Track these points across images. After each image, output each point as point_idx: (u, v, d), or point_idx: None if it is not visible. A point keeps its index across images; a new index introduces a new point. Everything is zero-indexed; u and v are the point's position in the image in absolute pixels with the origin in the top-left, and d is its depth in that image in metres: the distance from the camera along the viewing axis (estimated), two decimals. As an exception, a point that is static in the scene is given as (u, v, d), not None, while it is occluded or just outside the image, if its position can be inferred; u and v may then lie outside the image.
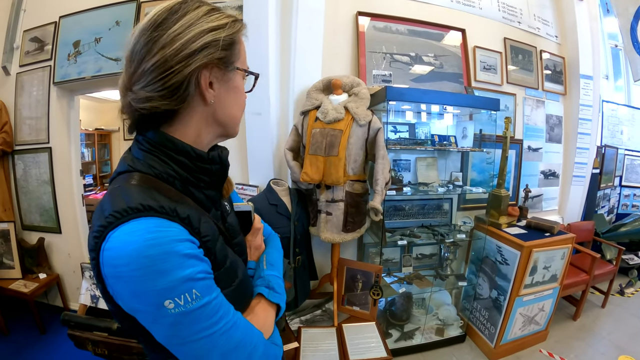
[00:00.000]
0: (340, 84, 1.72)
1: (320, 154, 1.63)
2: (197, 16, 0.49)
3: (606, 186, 3.27)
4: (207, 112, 0.54)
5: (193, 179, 0.54)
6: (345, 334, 1.74)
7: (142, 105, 0.48)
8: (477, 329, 2.21)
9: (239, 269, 0.58)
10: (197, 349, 0.46)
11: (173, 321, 0.44)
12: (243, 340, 0.49)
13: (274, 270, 0.69)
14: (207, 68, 0.50)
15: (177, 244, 0.44)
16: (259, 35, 1.83)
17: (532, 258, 1.91)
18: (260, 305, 0.60)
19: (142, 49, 0.48)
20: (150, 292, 0.42)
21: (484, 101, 1.88)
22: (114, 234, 0.43)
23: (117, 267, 0.42)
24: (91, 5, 2.21)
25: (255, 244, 0.72)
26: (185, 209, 0.48)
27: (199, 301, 0.45)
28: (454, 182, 2.11)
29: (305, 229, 1.79)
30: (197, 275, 0.45)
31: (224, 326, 0.47)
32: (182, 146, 0.52)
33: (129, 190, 0.46)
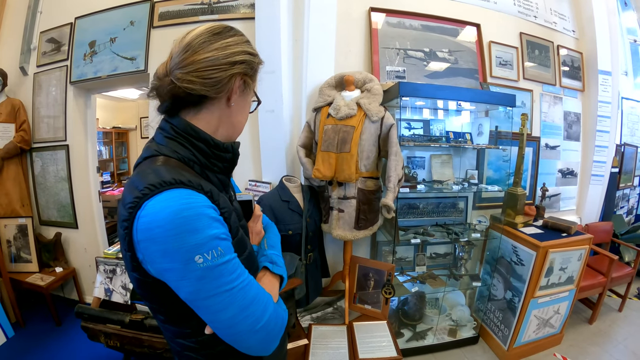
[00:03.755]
0: (352, 80, 1.70)
1: (332, 151, 1.61)
2: (242, 40, 0.64)
3: (625, 186, 3.16)
4: (226, 111, 0.64)
5: (209, 164, 0.63)
6: (355, 333, 1.72)
7: (184, 85, 0.57)
8: (490, 331, 2.15)
9: (247, 243, 0.67)
10: (219, 302, 0.52)
11: (200, 275, 0.50)
12: (257, 298, 0.56)
13: (274, 250, 0.77)
14: (240, 77, 0.63)
15: (206, 208, 0.53)
16: (271, 34, 1.83)
17: (548, 259, 1.85)
18: (266, 277, 0.68)
19: (200, 44, 0.58)
20: (182, 248, 0.49)
21: (499, 97, 1.83)
22: (149, 203, 0.50)
23: (152, 230, 0.49)
24: (106, 6, 2.24)
25: (256, 229, 0.80)
26: (207, 184, 0.57)
27: (222, 257, 0.52)
28: (469, 180, 2.06)
29: (318, 226, 1.78)
30: (222, 235, 0.54)
31: (241, 283, 0.54)
32: (203, 134, 0.61)
33: (158, 169, 0.54)
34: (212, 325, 0.55)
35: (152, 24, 2.15)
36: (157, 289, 0.55)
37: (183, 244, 0.49)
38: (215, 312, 0.53)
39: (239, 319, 0.54)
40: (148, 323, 1.65)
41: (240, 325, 0.54)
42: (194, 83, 0.57)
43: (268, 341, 0.60)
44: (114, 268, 1.86)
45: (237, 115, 0.67)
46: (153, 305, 0.61)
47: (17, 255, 2.35)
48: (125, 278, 1.86)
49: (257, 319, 0.56)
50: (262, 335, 0.57)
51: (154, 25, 2.14)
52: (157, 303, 0.60)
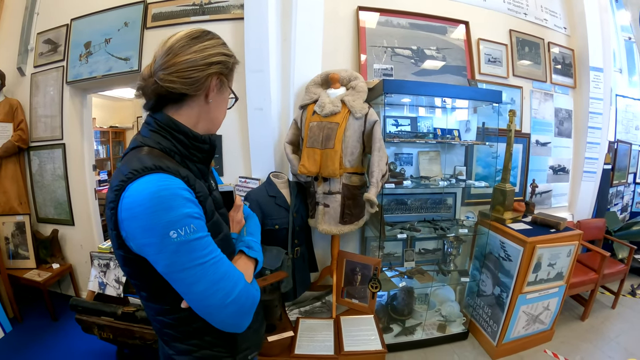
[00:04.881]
0: (337, 77, 1.72)
1: (317, 147, 1.63)
2: (218, 43, 0.70)
3: (619, 183, 3.14)
4: (205, 107, 0.70)
5: (189, 154, 0.69)
6: (342, 326, 1.73)
7: (165, 84, 0.64)
8: (479, 327, 2.16)
9: (223, 227, 0.73)
10: (192, 275, 0.58)
11: (175, 249, 0.56)
12: (228, 273, 0.62)
13: (253, 237, 0.83)
14: (217, 76, 0.69)
15: (181, 190, 0.59)
16: (259, 33, 1.86)
17: (536, 254, 1.85)
18: (242, 260, 0.74)
19: (180, 48, 0.65)
20: (158, 224, 0.55)
21: (486, 93, 1.84)
22: (132, 185, 0.57)
23: (134, 209, 0.56)
24: (101, 8, 2.28)
25: (237, 218, 0.85)
26: (184, 171, 0.63)
27: (195, 234, 0.58)
28: (457, 176, 2.07)
29: (305, 221, 1.80)
30: (195, 215, 0.59)
31: (213, 259, 0.60)
32: (182, 127, 0.67)
33: (141, 157, 0.60)
34: (186, 298, 0.60)
35: (145, 25, 2.19)
36: (139, 265, 0.61)
37: (159, 220, 0.55)
38: (188, 284, 0.58)
39: (210, 292, 0.59)
40: (139, 315, 1.69)
41: (211, 298, 0.59)
42: (175, 82, 0.64)
43: (239, 316, 0.65)
44: (107, 262, 1.90)
45: (215, 110, 0.73)
46: (137, 282, 0.67)
47: (15, 251, 2.40)
48: (119, 272, 1.90)
49: (227, 293, 0.61)
50: (232, 310, 0.62)
51: (147, 26, 2.18)
52: (139, 279, 0.66)
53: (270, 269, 1.69)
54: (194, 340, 0.71)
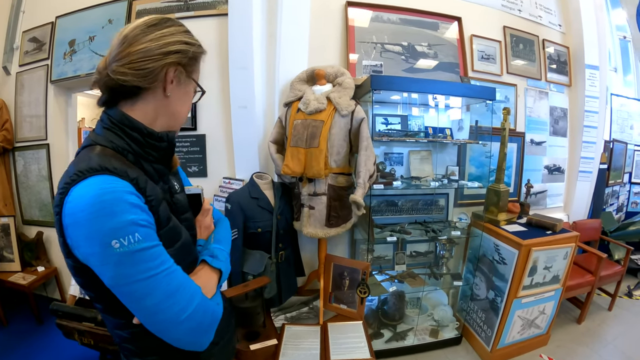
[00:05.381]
0: (323, 74, 1.58)
1: (301, 146, 1.49)
2: (179, 30, 0.63)
3: (615, 183, 2.98)
4: (163, 102, 0.62)
5: (144, 153, 0.61)
6: (329, 333, 1.59)
7: (117, 77, 0.56)
8: (473, 331, 2.01)
9: (182, 234, 0.64)
10: (139, 290, 0.51)
11: (117, 260, 0.49)
12: (181, 287, 0.55)
13: (220, 244, 0.74)
14: (175, 67, 0.61)
15: (125, 194, 0.51)
16: (243, 29, 1.72)
17: (531, 257, 1.71)
18: (204, 270, 0.66)
19: (135, 37, 0.58)
20: (99, 232, 0.48)
21: (479, 90, 1.69)
22: (75, 188, 0.50)
23: (75, 214, 0.49)
24: (85, 5, 2.14)
25: (205, 223, 0.77)
26: (134, 172, 0.55)
27: (140, 244, 0.50)
28: (449, 176, 1.93)
29: (290, 224, 1.66)
30: (140, 222, 0.51)
31: (164, 271, 0.53)
32: (136, 123, 0.60)
33: (90, 157, 0.53)
34: (136, 314, 0.53)
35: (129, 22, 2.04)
36: (89, 276, 0.53)
37: (101, 227, 0.48)
38: (136, 299, 0.51)
39: (161, 307, 0.52)
40: (117, 322, 1.55)
41: (163, 314, 0.52)
42: (127, 74, 0.57)
43: (197, 334, 0.58)
44: (88, 267, 1.76)
45: (175, 105, 0.65)
46: (90, 293, 0.59)
47: (0, 254, 2.26)
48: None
49: (181, 309, 0.53)
50: (188, 327, 0.55)
51: (131, 23, 2.04)
52: (92, 290, 0.57)
53: (253, 274, 1.56)
54: (154, 356, 0.63)
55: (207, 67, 1.89)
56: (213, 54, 1.88)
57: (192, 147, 1.90)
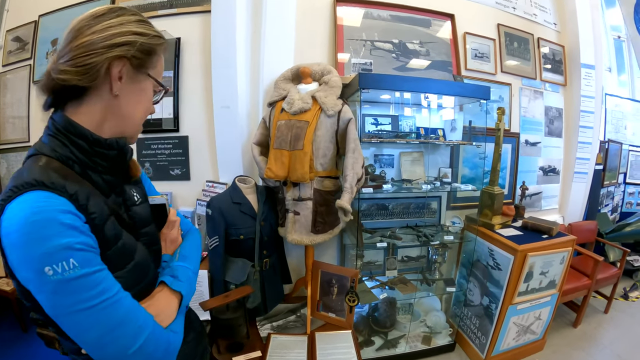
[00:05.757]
0: (309, 72, 1.45)
1: (285, 148, 1.36)
2: (130, 20, 0.54)
3: (610, 183, 2.87)
4: (112, 103, 0.54)
5: (91, 163, 0.54)
6: (316, 343, 1.47)
7: (57, 76, 0.50)
8: (467, 338, 1.89)
9: (136, 253, 0.57)
10: (79, 321, 0.45)
11: (53, 289, 0.43)
12: (127, 319, 0.48)
13: (185, 262, 0.67)
14: (122, 61, 0.53)
15: (59, 214, 0.44)
16: (226, 27, 1.59)
17: (527, 263, 1.59)
18: (162, 293, 0.59)
19: (78, 30, 0.51)
20: (32, 257, 0.43)
21: (473, 89, 1.57)
22: (9, 207, 0.44)
23: (10, 235, 0.43)
24: (69, 3, 2.01)
25: (171, 237, 0.69)
26: (74, 186, 0.48)
27: (76, 271, 0.44)
28: (442, 178, 1.80)
29: (274, 230, 1.53)
30: (76, 246, 0.45)
31: (105, 301, 0.46)
32: (81, 129, 0.52)
33: (30, 169, 0.47)
34: (81, 345, 0.47)
35: (111, 20, 1.91)
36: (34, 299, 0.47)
37: (32, 252, 0.42)
38: (78, 331, 0.46)
39: (105, 341, 0.46)
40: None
41: (108, 348, 0.46)
42: (67, 73, 0.49)
43: None
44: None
45: (127, 106, 0.56)
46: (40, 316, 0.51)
47: (-18, 259, 2.14)
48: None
49: (127, 343, 0.47)
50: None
51: (113, 21, 1.91)
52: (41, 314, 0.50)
53: (235, 284, 1.44)
54: None
55: (190, 66, 1.79)
56: (196, 52, 1.76)
57: (175, 149, 1.77)
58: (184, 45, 1.78)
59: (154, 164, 1.81)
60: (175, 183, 1.79)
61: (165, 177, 1.80)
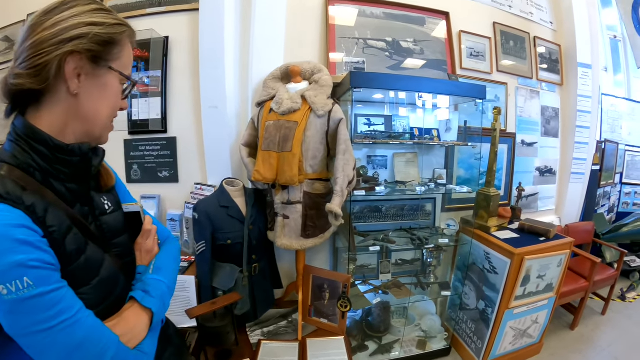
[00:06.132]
0: (299, 70, 1.37)
1: (273, 150, 1.28)
2: (83, 11, 0.49)
3: (606, 184, 2.79)
4: (72, 103, 0.50)
5: (53, 170, 0.50)
6: (308, 350, 1.40)
7: (12, 81, 0.47)
8: (463, 342, 1.82)
9: (103, 267, 0.53)
10: (38, 342, 0.42)
11: (8, 309, 0.41)
12: (87, 341, 0.45)
13: (159, 274, 0.62)
14: (75, 57, 0.48)
15: (12, 228, 0.41)
16: (214, 25, 1.51)
17: (524, 267, 1.52)
18: (132, 310, 0.55)
19: (28, 29, 0.48)
20: None
21: (468, 88, 1.49)
22: None
23: None
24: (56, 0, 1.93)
25: (146, 247, 0.65)
26: (32, 197, 0.45)
27: (31, 290, 0.41)
28: (437, 180, 1.73)
29: (264, 234, 1.45)
30: (30, 263, 0.41)
31: (64, 322, 0.43)
32: (41, 135, 0.49)
33: None
34: None
35: (98, 18, 1.83)
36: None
37: None
38: (38, 353, 0.43)
39: None
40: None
41: None
42: (21, 77, 0.46)
43: None
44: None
45: (89, 104, 0.51)
46: None
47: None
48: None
49: None
50: None
51: (101, 20, 1.83)
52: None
53: (223, 290, 1.36)
54: None
55: (179, 66, 1.70)
56: (185, 51, 1.68)
57: (163, 151, 1.69)
58: (172, 44, 1.70)
59: (141, 165, 1.73)
60: (163, 185, 1.71)
61: (153, 179, 1.72)
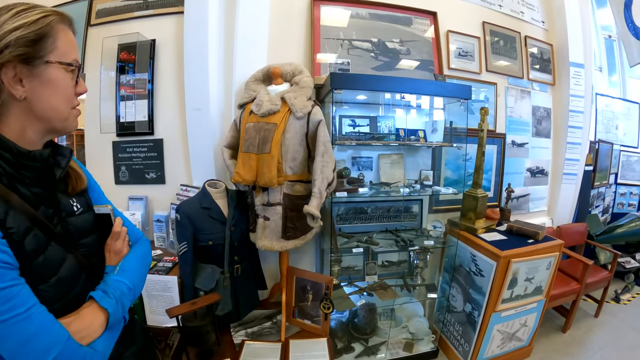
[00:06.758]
0: (279, 72, 1.33)
1: (252, 152, 1.25)
2: (5, 20, 0.48)
3: (600, 184, 2.70)
4: (25, 106, 0.50)
5: (18, 175, 0.52)
6: (290, 351, 1.36)
7: None
8: (450, 344, 1.76)
9: (62, 267, 0.54)
10: None
11: None
12: (37, 335, 0.47)
13: (122, 275, 0.63)
14: (8, 66, 0.47)
15: None
16: (198, 27, 1.48)
17: (511, 269, 1.45)
18: (89, 309, 0.56)
19: None
20: None
21: (452, 88, 1.43)
22: None
23: None
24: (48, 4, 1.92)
25: (115, 248, 0.66)
26: None
27: None
28: (423, 181, 1.67)
29: (246, 235, 1.42)
30: None
31: (16, 317, 0.45)
32: (5, 143, 0.50)
33: None
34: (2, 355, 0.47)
35: (89, 23, 1.82)
36: None
37: None
38: None
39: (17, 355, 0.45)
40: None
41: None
42: None
43: None
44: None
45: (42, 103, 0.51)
46: None
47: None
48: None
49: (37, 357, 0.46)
50: None
51: (91, 24, 1.81)
52: None
53: (205, 290, 1.33)
54: None
55: (165, 68, 1.67)
56: (171, 53, 1.65)
57: (150, 153, 1.67)
58: (159, 46, 1.68)
59: (129, 167, 1.71)
60: (150, 187, 1.68)
61: (140, 180, 1.70)
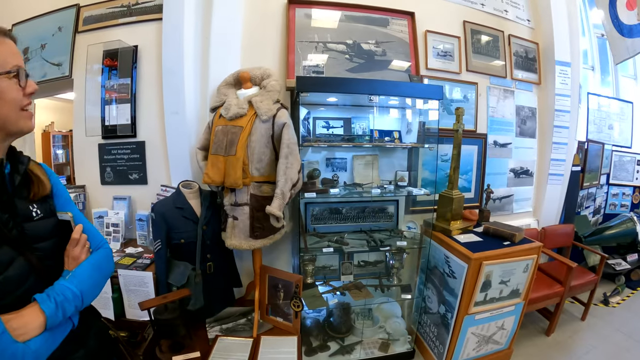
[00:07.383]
0: (248, 76, 1.33)
1: (220, 154, 1.25)
2: None
3: (590, 185, 2.59)
4: None
5: None
6: (260, 347, 1.37)
7: None
8: (427, 346, 1.72)
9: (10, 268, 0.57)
10: None
11: None
12: None
13: (71, 281, 0.64)
14: None
15: None
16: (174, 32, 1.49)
17: (483, 272, 1.41)
18: (31, 309, 0.58)
19: None
20: None
21: (423, 89, 1.40)
22: None
23: None
24: (39, 12, 1.96)
25: (73, 254, 0.68)
26: None
27: None
28: (398, 182, 1.64)
29: (218, 234, 1.42)
30: None
31: None
32: None
33: None
34: None
35: (77, 29, 1.85)
36: None
37: None
38: None
39: None
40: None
41: None
42: None
43: None
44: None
45: None
46: None
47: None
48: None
49: None
50: None
51: (78, 30, 1.84)
52: None
53: (177, 286, 1.34)
54: None
55: (147, 73, 1.69)
56: (153, 59, 1.66)
57: (133, 154, 1.69)
58: (141, 52, 1.69)
59: (114, 168, 1.74)
60: (133, 187, 1.71)
61: (124, 181, 1.72)
